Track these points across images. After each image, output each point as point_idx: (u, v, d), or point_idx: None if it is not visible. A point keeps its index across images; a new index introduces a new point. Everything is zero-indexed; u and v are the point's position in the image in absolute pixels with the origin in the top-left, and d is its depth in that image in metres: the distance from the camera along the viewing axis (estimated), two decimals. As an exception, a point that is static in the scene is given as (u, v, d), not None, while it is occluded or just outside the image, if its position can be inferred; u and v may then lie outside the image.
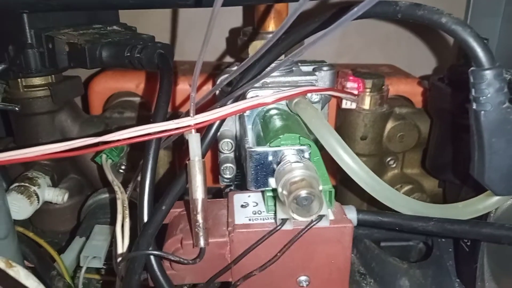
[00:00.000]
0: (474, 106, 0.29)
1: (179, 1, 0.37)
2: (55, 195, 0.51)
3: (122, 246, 0.36)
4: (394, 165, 0.61)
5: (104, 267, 0.44)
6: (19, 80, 0.49)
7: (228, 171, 0.47)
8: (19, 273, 0.30)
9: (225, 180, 0.48)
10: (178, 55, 0.71)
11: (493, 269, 0.40)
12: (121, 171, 0.56)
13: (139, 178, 0.36)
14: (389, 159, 0.60)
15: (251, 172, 0.36)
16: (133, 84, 0.59)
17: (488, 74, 0.27)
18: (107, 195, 0.52)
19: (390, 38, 0.80)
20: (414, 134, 0.58)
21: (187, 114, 0.35)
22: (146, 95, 0.60)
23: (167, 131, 0.34)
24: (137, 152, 0.56)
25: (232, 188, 0.51)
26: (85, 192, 0.59)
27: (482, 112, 0.28)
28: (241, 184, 0.51)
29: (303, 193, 0.30)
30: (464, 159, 0.48)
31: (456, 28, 0.27)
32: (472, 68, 0.28)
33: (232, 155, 0.47)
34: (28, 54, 0.43)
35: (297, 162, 0.33)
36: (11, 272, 0.30)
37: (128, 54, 0.40)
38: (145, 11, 0.67)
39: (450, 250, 0.51)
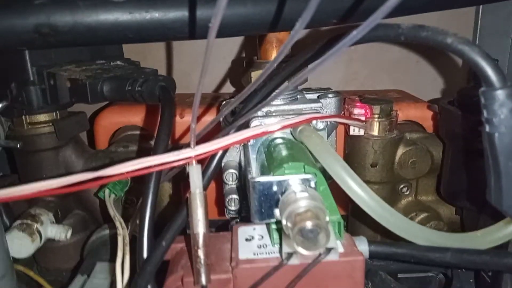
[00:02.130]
0: (487, 129, 0.27)
1: (177, 34, 0.37)
2: (58, 232, 0.50)
3: (121, 284, 0.35)
4: (407, 193, 0.58)
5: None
6: (23, 117, 0.49)
7: (233, 203, 0.45)
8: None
9: (231, 212, 0.47)
10: (184, 87, 0.71)
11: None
12: (126, 205, 0.55)
13: (136, 215, 0.35)
14: (402, 186, 0.58)
15: (255, 204, 0.34)
16: (138, 118, 0.59)
17: (500, 94, 0.26)
18: (106, 232, 0.51)
19: (397, 63, 0.79)
20: (427, 160, 0.56)
21: (188, 145, 0.34)
22: (152, 129, 0.60)
23: (168, 163, 0.33)
24: (141, 185, 0.55)
25: (238, 220, 0.49)
26: (90, 228, 0.58)
27: (496, 134, 0.26)
28: (247, 216, 0.49)
29: (308, 224, 0.28)
30: (480, 184, 0.46)
31: (463, 48, 0.26)
32: (482, 89, 0.27)
33: (236, 186, 0.46)
34: (30, 91, 0.43)
35: (302, 191, 0.31)
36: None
37: (130, 88, 0.40)
38: (150, 45, 0.68)
39: (471, 280, 0.48)
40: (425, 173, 0.57)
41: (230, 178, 0.45)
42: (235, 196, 0.45)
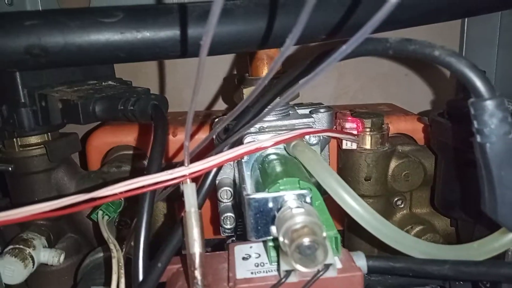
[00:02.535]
0: (479, 139, 0.27)
1: (169, 53, 0.37)
2: (51, 257, 0.49)
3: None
4: (402, 205, 0.58)
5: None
6: (14, 139, 0.48)
7: (229, 221, 0.45)
8: None
9: (226, 230, 0.47)
10: (177, 105, 0.71)
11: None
12: (120, 227, 0.54)
13: (130, 236, 0.34)
14: (396, 199, 0.58)
15: (250, 221, 0.34)
16: (131, 137, 0.59)
17: (490, 104, 0.26)
18: (100, 255, 0.50)
19: (386, 77, 0.80)
20: (420, 172, 0.56)
21: (182, 163, 0.34)
22: (145, 148, 0.60)
23: (162, 182, 0.33)
24: (135, 206, 0.54)
25: (234, 239, 0.49)
26: (83, 251, 0.57)
27: (488, 144, 0.27)
28: (243, 234, 0.48)
29: (305, 241, 0.28)
30: (473, 195, 0.46)
31: (450, 60, 0.26)
32: (471, 100, 0.27)
33: (232, 203, 0.46)
34: (22, 113, 0.42)
35: (298, 207, 0.31)
36: None
37: (122, 107, 0.40)
38: (141, 64, 0.69)
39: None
40: (418, 185, 0.57)
41: (225, 195, 0.45)
42: (230, 214, 0.44)
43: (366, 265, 0.35)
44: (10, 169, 0.47)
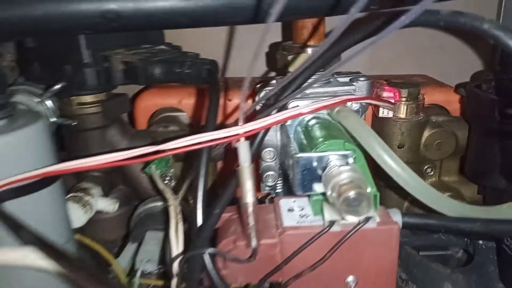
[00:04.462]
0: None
1: (235, 19, 0.39)
2: (107, 204, 0.54)
3: (177, 248, 0.38)
4: (431, 173, 0.61)
5: (155, 270, 0.46)
6: (73, 97, 0.52)
7: (271, 178, 0.49)
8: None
9: (267, 188, 0.50)
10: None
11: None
12: (166, 181, 0.59)
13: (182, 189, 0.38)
14: (426, 167, 0.60)
15: (298, 178, 0.38)
16: (176, 100, 0.63)
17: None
18: (155, 204, 0.55)
19: (421, 49, 0.81)
20: (452, 142, 0.58)
21: (235, 124, 0.37)
22: (188, 110, 0.63)
23: (219, 139, 0.37)
24: (179, 164, 0.59)
25: (273, 196, 0.52)
26: (131, 203, 0.62)
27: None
28: (281, 191, 0.52)
29: (352, 194, 0.32)
30: (506, 164, 0.49)
31: (499, 33, 0.28)
32: (515, 71, 0.30)
33: (274, 163, 0.49)
34: (86, 73, 0.46)
35: (344, 166, 0.35)
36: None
37: (179, 70, 0.43)
38: (178, 33, 0.71)
39: (492, 256, 0.51)
40: (449, 155, 0.59)
41: (268, 155, 0.48)
42: (272, 173, 0.48)
43: (401, 221, 0.38)
44: (73, 124, 0.51)
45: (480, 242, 0.52)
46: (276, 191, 0.53)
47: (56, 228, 0.41)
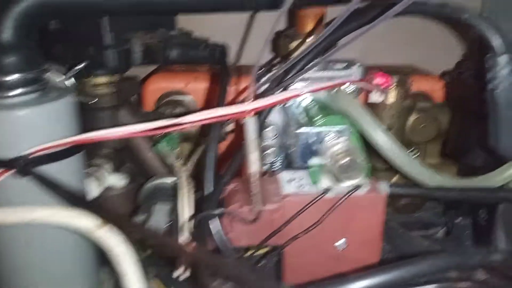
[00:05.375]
0: (490, 86, 0.35)
1: (249, 4, 0.43)
2: (118, 179, 0.58)
3: (188, 211, 0.43)
4: (416, 155, 0.66)
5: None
6: (89, 78, 0.56)
7: (272, 154, 0.53)
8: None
9: (267, 163, 0.55)
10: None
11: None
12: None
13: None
14: (411, 149, 0.66)
15: (298, 151, 0.43)
16: (182, 84, 0.67)
17: (502, 59, 0.34)
18: (162, 180, 0.59)
19: (408, 39, 0.85)
20: (435, 126, 0.63)
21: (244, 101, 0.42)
22: (193, 94, 0.67)
23: (230, 115, 0.41)
24: (184, 144, 0.63)
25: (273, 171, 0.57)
26: (138, 180, 0.66)
27: (497, 90, 0.34)
28: (280, 168, 0.57)
29: (347, 160, 0.37)
30: (483, 143, 0.54)
31: (477, 21, 0.33)
32: (488, 55, 0.35)
33: (275, 141, 0.54)
34: (108, 54, 0.50)
35: (340, 138, 0.40)
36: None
37: (194, 52, 0.47)
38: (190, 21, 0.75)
39: (467, 232, 0.57)
40: (432, 138, 0.65)
41: (272, 133, 0.53)
42: (274, 149, 0.53)
43: (388, 190, 0.43)
44: (90, 102, 0.55)
45: (457, 220, 0.58)
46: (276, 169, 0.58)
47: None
